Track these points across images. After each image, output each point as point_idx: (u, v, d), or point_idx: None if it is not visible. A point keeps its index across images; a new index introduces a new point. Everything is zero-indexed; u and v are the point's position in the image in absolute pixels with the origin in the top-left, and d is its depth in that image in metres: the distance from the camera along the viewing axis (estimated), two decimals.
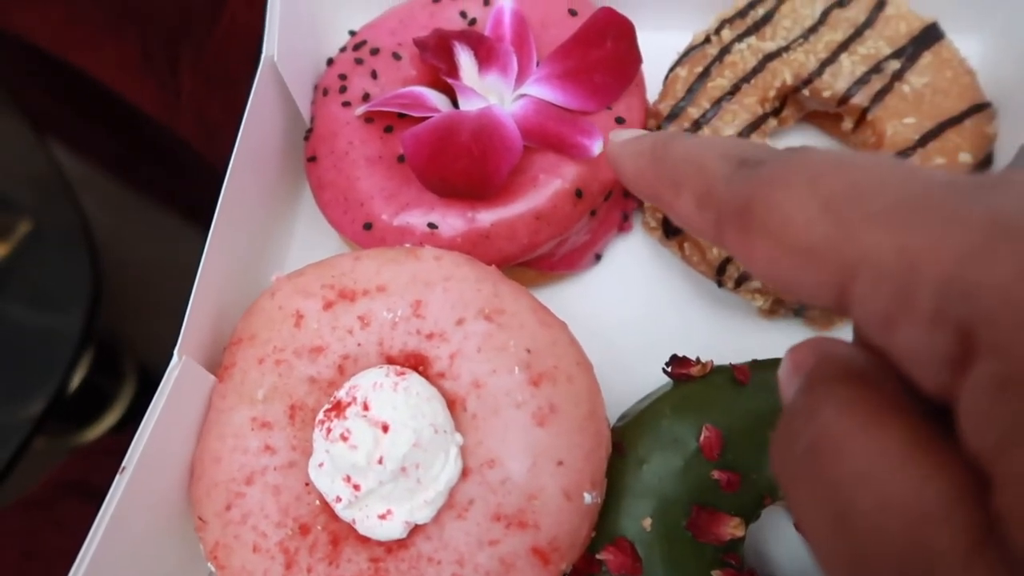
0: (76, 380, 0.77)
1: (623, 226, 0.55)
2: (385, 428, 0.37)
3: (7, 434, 0.71)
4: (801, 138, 0.57)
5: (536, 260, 0.51)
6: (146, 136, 0.90)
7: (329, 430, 0.38)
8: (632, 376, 0.48)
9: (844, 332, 0.51)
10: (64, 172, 0.83)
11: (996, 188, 0.17)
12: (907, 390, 0.19)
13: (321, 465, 0.38)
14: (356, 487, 0.37)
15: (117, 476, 0.37)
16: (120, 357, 0.90)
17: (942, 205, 0.18)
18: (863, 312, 0.19)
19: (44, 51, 0.84)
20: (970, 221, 0.17)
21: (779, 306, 0.50)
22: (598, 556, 0.40)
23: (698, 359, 0.44)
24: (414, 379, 0.39)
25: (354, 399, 0.38)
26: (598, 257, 0.54)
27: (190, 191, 0.92)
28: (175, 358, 0.40)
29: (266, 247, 0.54)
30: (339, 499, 0.38)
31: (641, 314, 0.53)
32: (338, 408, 0.38)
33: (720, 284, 0.50)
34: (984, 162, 0.48)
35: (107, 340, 0.87)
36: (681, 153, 0.26)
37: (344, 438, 0.37)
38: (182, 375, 0.40)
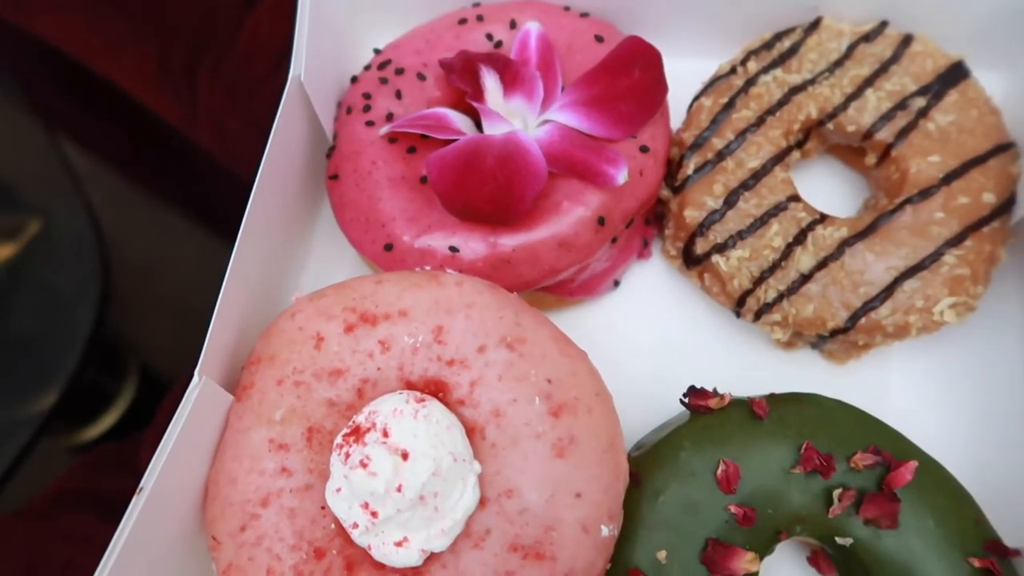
0: (85, 382, 0.76)
1: (642, 253, 0.55)
2: (405, 456, 0.37)
3: (13, 432, 0.71)
4: (824, 170, 0.56)
5: (556, 285, 0.51)
6: (160, 140, 0.90)
7: (348, 455, 0.38)
8: (647, 403, 0.48)
9: (861, 368, 0.51)
10: (75, 173, 0.83)
11: None
12: None
13: (339, 490, 0.38)
14: (374, 514, 0.37)
15: (135, 497, 0.36)
16: (122, 356, 0.90)
17: None
18: None
19: (63, 54, 0.85)
20: None
21: (797, 338, 0.50)
22: None
23: (715, 391, 0.44)
24: (434, 406, 0.39)
25: (373, 425, 0.38)
26: (616, 283, 0.54)
27: (203, 195, 0.92)
28: (195, 378, 0.40)
29: (284, 263, 0.54)
30: (356, 525, 0.38)
31: (658, 341, 0.53)
32: (357, 433, 0.38)
33: (739, 315, 0.50)
34: (1008, 202, 0.48)
35: (110, 338, 0.87)
36: None
37: (363, 464, 0.37)
38: (201, 396, 0.40)
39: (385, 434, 0.38)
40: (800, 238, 0.48)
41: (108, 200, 0.86)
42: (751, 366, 0.52)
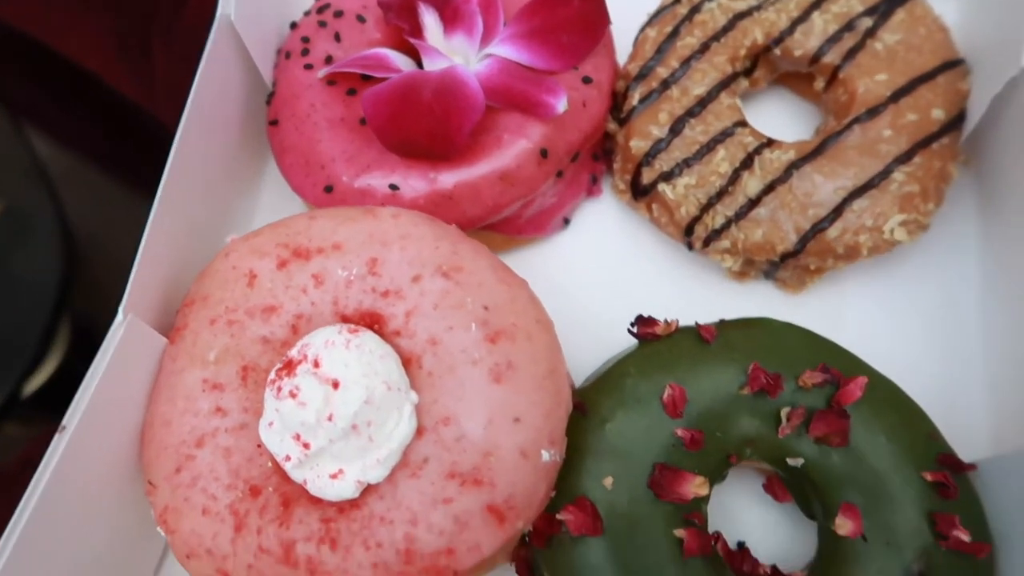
0: (52, 367, 0.75)
1: (592, 190, 0.54)
2: (336, 385, 0.36)
3: None
4: (774, 101, 0.55)
5: (502, 223, 0.50)
6: (121, 118, 0.89)
7: (280, 389, 0.37)
8: (601, 340, 0.47)
9: (816, 297, 0.50)
10: (37, 154, 0.82)
11: None
12: None
13: (271, 424, 0.37)
14: (306, 445, 0.36)
15: (56, 435, 0.36)
16: (100, 344, 0.89)
17: None
18: None
19: (18, 32, 0.83)
20: None
21: (750, 267, 0.49)
22: (558, 516, 0.39)
23: (666, 320, 0.44)
24: (367, 336, 0.38)
25: (305, 357, 0.37)
26: (566, 221, 0.53)
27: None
28: (119, 316, 0.39)
29: (229, 213, 0.53)
30: (289, 458, 0.37)
31: (610, 278, 0.52)
32: (289, 367, 0.37)
33: (690, 247, 0.49)
34: (957, 119, 0.47)
35: (86, 327, 0.86)
36: None
37: (293, 395, 0.36)
38: (128, 334, 0.39)
39: (316, 365, 0.37)
40: (747, 163, 0.47)
41: (70, 180, 0.84)
42: (705, 300, 0.51)
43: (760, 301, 0.50)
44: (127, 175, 0.92)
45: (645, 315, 0.44)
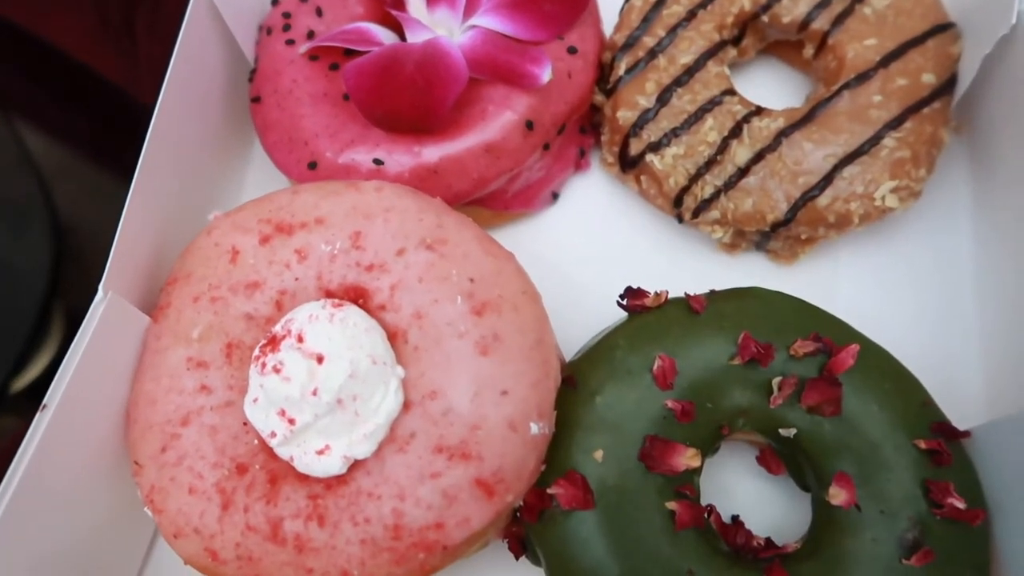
0: (46, 360, 0.75)
1: (580, 164, 0.53)
2: (320, 359, 0.35)
3: None
4: (763, 71, 0.55)
5: (489, 198, 0.50)
6: (110, 106, 0.88)
7: (264, 364, 0.36)
8: (591, 315, 0.46)
9: (809, 269, 0.50)
10: (25, 146, 0.81)
11: None
12: None
13: (255, 400, 0.37)
14: (291, 421, 0.36)
15: (38, 414, 0.35)
16: None
17: None
18: None
19: (2, 20, 0.82)
20: None
21: (740, 239, 0.49)
22: (549, 490, 0.38)
23: (656, 292, 0.43)
24: (351, 310, 0.38)
25: (288, 332, 0.37)
26: (555, 196, 0.53)
27: None
28: (100, 293, 0.38)
29: (214, 192, 0.52)
30: (274, 434, 0.36)
31: (601, 253, 0.52)
32: (273, 342, 0.37)
33: (680, 219, 0.48)
34: (948, 83, 0.46)
35: (81, 320, 0.85)
36: None
37: (277, 370, 0.35)
38: (109, 312, 0.38)
39: (300, 339, 0.36)
40: (736, 131, 0.46)
41: (61, 174, 0.84)
42: (696, 273, 0.51)
43: (752, 273, 0.50)
44: (117, 166, 0.91)
45: (634, 287, 0.43)
